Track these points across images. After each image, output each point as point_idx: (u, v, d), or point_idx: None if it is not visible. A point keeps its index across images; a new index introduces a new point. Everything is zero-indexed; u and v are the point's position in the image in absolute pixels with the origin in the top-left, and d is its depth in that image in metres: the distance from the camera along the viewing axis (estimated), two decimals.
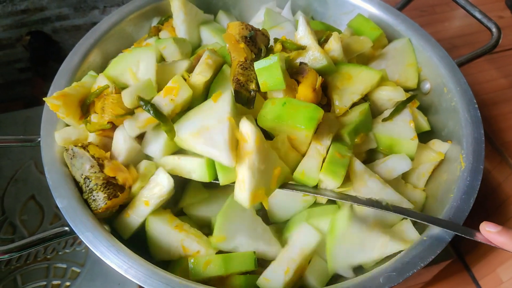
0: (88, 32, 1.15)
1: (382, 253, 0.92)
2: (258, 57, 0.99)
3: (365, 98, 1.08)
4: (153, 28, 1.25)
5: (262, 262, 0.95)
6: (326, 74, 1.04)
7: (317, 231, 0.91)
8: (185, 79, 0.97)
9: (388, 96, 1.07)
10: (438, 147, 1.08)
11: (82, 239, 0.84)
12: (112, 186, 0.90)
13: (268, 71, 0.92)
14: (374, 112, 1.10)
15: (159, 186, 0.92)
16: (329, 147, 0.95)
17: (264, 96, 0.99)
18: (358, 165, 0.96)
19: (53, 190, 0.90)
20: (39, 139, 0.97)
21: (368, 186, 0.95)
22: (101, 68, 1.16)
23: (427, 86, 1.19)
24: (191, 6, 1.22)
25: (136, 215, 0.94)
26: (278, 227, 1.03)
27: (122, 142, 0.93)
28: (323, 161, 0.93)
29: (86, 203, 0.91)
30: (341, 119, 1.02)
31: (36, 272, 1.13)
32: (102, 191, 0.89)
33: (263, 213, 1.02)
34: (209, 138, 0.87)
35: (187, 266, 0.92)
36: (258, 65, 0.93)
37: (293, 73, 0.97)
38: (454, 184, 0.97)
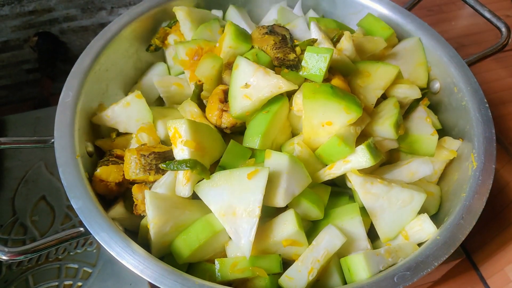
0: (99, 33, 1.15)
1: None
2: (285, 40, 1.05)
3: (383, 96, 1.09)
4: (161, 30, 1.26)
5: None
6: (345, 74, 1.05)
7: (342, 233, 0.91)
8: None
9: (404, 94, 1.08)
10: (449, 144, 1.09)
11: (98, 240, 0.85)
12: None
13: (316, 60, 0.96)
14: None
15: None
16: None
17: None
18: (355, 178, 0.95)
19: (68, 191, 0.90)
20: (53, 140, 0.97)
21: (373, 193, 0.95)
22: (112, 68, 1.17)
23: (436, 85, 1.20)
24: (196, 12, 1.23)
25: None
26: None
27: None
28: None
29: None
30: (378, 114, 1.04)
31: (48, 272, 1.14)
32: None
33: None
34: (235, 226, 0.87)
35: (212, 270, 0.92)
36: (310, 49, 0.97)
37: None
38: (466, 183, 0.98)
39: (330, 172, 0.98)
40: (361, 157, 0.93)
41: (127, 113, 1.08)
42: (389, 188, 0.95)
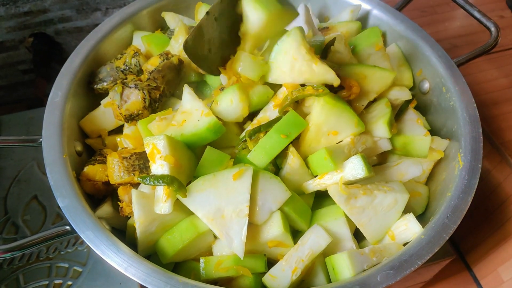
0: (90, 34, 1.16)
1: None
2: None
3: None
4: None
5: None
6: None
7: (327, 233, 0.91)
8: None
9: (395, 96, 1.09)
10: (437, 144, 1.09)
11: (83, 238, 0.85)
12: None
13: None
14: None
15: None
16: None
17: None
18: (338, 197, 0.93)
19: (54, 189, 0.91)
20: (41, 139, 0.98)
21: (359, 207, 0.94)
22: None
23: (426, 85, 1.20)
24: (181, 18, 1.26)
25: None
26: None
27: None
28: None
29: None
30: (371, 114, 1.05)
31: (38, 271, 1.14)
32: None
33: None
34: (225, 229, 0.87)
35: (197, 268, 0.92)
36: None
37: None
38: (452, 183, 0.98)
39: (320, 182, 0.97)
40: (356, 167, 0.93)
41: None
42: (372, 198, 0.95)
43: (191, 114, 0.96)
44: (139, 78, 1.04)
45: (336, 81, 0.95)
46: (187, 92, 0.98)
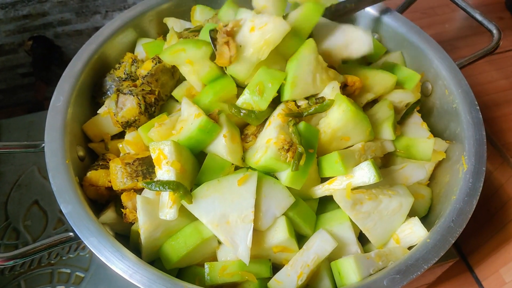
0: (91, 37, 1.16)
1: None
2: None
3: (376, 100, 1.10)
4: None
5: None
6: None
7: (333, 238, 0.91)
8: None
9: (399, 98, 1.09)
10: (438, 145, 1.09)
11: (87, 245, 0.84)
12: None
13: None
14: None
15: None
16: None
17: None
18: (344, 202, 0.92)
19: (57, 195, 0.90)
20: (43, 144, 0.97)
21: (364, 212, 0.94)
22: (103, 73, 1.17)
23: (428, 88, 1.20)
24: (182, 23, 1.27)
25: None
26: None
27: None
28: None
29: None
30: (374, 116, 1.04)
31: (40, 277, 1.14)
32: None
33: None
34: (230, 235, 0.86)
35: (202, 274, 0.91)
36: None
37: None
38: (456, 186, 0.97)
39: (329, 188, 0.96)
40: (367, 174, 0.92)
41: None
42: (378, 203, 0.94)
43: (187, 121, 0.95)
44: (134, 84, 1.04)
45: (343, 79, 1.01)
46: (184, 102, 0.98)
